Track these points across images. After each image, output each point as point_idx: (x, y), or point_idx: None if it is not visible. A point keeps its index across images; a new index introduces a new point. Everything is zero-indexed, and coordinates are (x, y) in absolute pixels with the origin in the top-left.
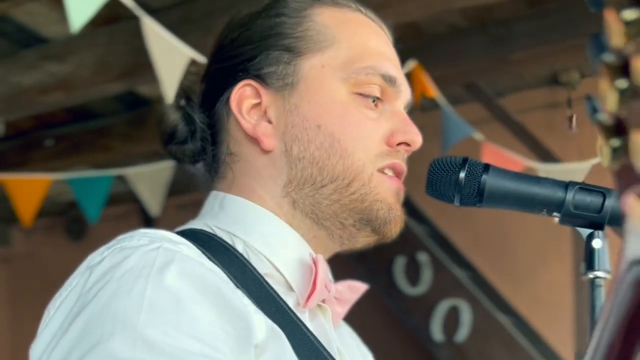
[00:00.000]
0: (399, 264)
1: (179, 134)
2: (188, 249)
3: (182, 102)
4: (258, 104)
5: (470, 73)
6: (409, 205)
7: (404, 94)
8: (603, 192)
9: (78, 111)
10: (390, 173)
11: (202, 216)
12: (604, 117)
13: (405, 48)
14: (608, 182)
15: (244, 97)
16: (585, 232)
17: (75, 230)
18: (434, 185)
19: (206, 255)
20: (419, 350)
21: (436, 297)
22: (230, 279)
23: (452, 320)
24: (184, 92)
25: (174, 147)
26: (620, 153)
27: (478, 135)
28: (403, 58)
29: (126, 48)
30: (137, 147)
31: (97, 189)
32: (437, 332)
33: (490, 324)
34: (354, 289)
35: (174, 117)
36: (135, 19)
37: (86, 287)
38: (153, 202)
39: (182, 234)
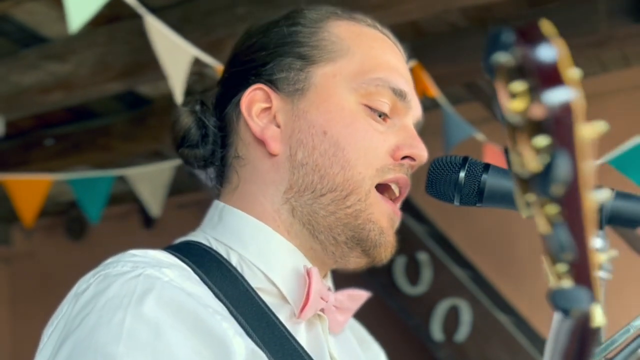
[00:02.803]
0: (399, 264)
1: (191, 138)
2: (172, 272)
3: (196, 107)
4: (268, 108)
5: (470, 72)
6: (409, 205)
7: (415, 110)
8: None
9: (78, 111)
10: (393, 186)
11: (203, 226)
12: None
13: (405, 47)
14: (608, 182)
15: (254, 100)
16: None
17: (75, 230)
18: (434, 185)
19: (196, 273)
20: (419, 349)
21: (436, 296)
22: (219, 297)
23: (452, 319)
24: (198, 96)
25: (185, 150)
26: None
27: (480, 136)
28: None
29: (126, 48)
30: (137, 147)
31: (97, 189)
32: (437, 331)
33: (491, 323)
34: (355, 298)
35: (186, 121)
36: (135, 18)
37: (72, 316)
38: (153, 202)
39: (177, 248)
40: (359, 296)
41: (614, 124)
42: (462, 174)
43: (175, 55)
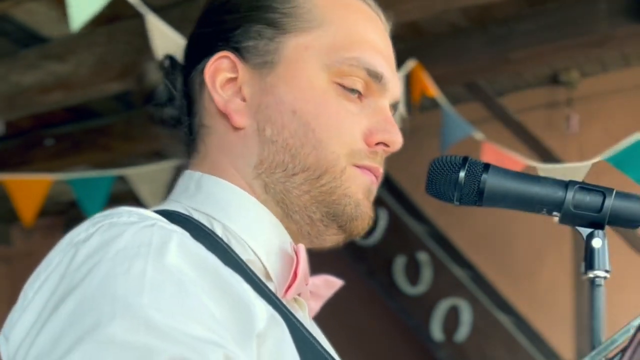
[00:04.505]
0: (399, 264)
1: (159, 96)
2: (178, 228)
3: (166, 63)
4: (234, 79)
5: (470, 72)
6: (409, 205)
7: (392, 92)
8: (602, 192)
9: (78, 111)
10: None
11: (176, 196)
12: None
13: (405, 47)
14: (608, 181)
15: (219, 69)
16: (585, 231)
17: None
18: (434, 185)
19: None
20: (419, 349)
21: (436, 296)
22: None
23: (452, 319)
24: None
25: (152, 108)
26: None
27: (478, 135)
28: (403, 58)
29: (126, 48)
30: (137, 147)
31: (97, 189)
32: (437, 331)
33: (490, 323)
34: (330, 285)
35: (155, 77)
36: (135, 18)
37: (73, 266)
38: (153, 202)
39: (159, 214)
40: (334, 283)
41: (614, 124)
42: (462, 174)
43: (177, 54)
